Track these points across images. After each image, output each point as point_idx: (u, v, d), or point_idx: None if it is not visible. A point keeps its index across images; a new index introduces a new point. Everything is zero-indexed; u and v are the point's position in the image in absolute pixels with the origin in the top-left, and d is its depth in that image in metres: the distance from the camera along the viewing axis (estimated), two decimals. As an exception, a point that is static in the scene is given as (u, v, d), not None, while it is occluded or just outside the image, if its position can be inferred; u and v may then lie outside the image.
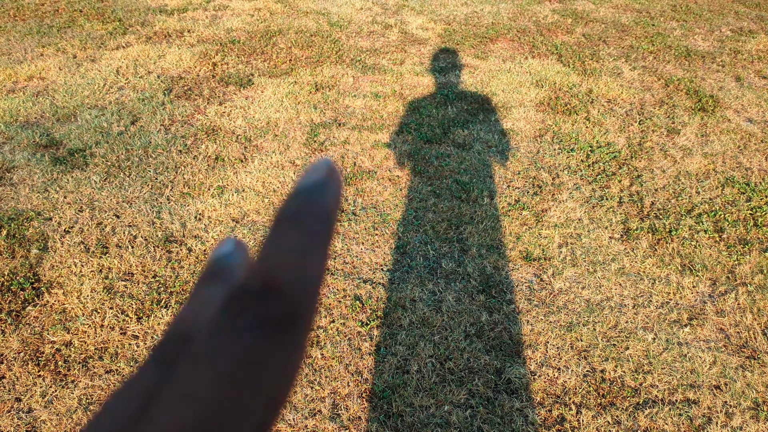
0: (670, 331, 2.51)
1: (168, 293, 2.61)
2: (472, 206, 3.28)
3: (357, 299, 2.63)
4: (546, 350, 2.42)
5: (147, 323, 2.45)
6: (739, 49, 5.70)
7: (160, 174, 3.48)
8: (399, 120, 4.24)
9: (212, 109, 4.29)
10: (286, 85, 4.72)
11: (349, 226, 3.11)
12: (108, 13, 6.36)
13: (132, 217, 3.10)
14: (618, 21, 6.56)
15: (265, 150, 3.80)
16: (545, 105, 4.48)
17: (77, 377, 2.21)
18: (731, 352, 2.42)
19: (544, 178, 3.56)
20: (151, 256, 2.82)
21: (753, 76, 5.09)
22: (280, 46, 5.57)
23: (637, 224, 3.17)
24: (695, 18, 6.68)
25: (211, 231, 3.02)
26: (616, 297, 2.70)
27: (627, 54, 5.56)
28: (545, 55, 5.50)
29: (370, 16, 6.71)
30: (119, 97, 4.43)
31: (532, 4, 7.18)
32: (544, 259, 2.93)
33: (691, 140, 3.99)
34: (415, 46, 5.75)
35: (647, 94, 4.69)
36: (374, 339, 2.44)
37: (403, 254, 2.93)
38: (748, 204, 3.33)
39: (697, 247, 3.00)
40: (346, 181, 3.48)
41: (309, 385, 2.22)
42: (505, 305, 2.62)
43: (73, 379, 2.21)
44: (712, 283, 2.78)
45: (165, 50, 5.34)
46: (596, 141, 3.96)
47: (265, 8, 6.83)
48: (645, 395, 2.23)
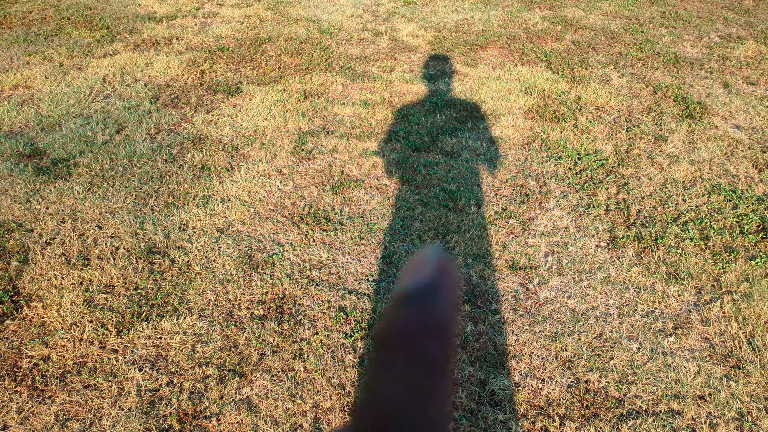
0: (655, 340, 2.50)
1: (149, 306, 2.58)
2: (459, 215, 3.27)
3: (341, 310, 2.61)
4: (530, 361, 2.40)
5: (127, 337, 2.42)
6: (727, 56, 5.71)
7: (144, 184, 3.46)
8: (388, 128, 4.23)
9: (199, 118, 4.28)
10: (275, 93, 4.71)
11: (335, 236, 3.09)
12: (96, 21, 6.34)
13: (115, 228, 3.07)
14: (607, 28, 6.57)
15: (252, 159, 3.78)
16: (534, 112, 4.48)
17: (55, 392, 2.19)
18: (716, 362, 2.40)
19: (532, 186, 3.55)
20: (133, 268, 2.80)
21: (741, 83, 5.10)
22: (269, 54, 5.56)
23: (624, 232, 3.16)
24: (684, 24, 6.70)
25: (195, 242, 3.00)
26: (601, 306, 2.68)
27: (616, 61, 5.56)
28: (535, 63, 5.50)
29: (360, 23, 6.71)
30: (105, 105, 4.41)
31: (522, 11, 7.20)
32: (530, 268, 2.91)
33: (678, 147, 3.99)
34: (405, 54, 5.75)
35: (635, 101, 4.69)
36: (358, 351, 2.42)
37: (389, 264, 2.92)
38: (734, 211, 3.33)
39: (683, 255, 3.00)
40: (334, 190, 3.46)
41: (290, 399, 2.20)
42: (490, 315, 2.61)
43: (51, 395, 2.18)
44: (697, 292, 2.77)
45: (153, 58, 5.32)
46: (584, 148, 3.96)
47: (255, 15, 6.82)
48: (629, 406, 2.21)
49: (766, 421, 2.16)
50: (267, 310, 2.60)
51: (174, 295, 2.65)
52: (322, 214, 3.26)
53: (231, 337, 2.45)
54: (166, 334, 2.45)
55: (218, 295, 2.67)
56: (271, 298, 2.67)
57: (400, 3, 7.59)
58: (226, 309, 2.60)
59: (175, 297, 2.64)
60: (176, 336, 2.45)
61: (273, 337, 2.45)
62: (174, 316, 2.54)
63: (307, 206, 3.33)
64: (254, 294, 2.69)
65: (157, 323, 2.49)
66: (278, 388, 2.24)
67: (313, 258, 2.93)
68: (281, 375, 2.30)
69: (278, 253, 2.95)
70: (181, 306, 2.60)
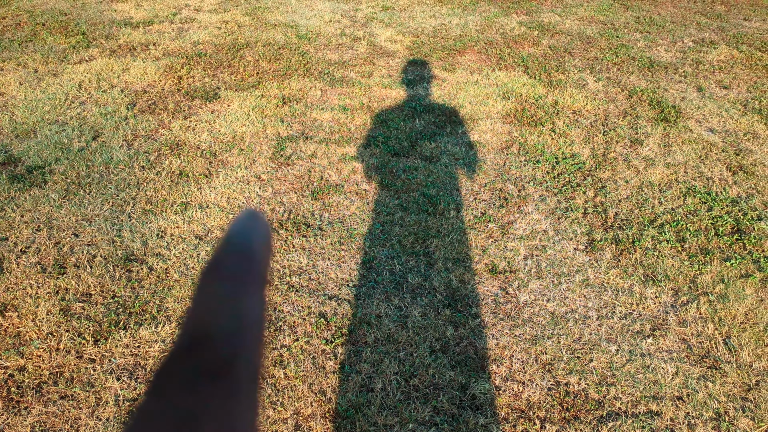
0: (633, 342, 2.52)
1: (127, 314, 2.55)
2: (439, 219, 3.28)
3: (322, 316, 2.61)
4: (511, 364, 2.41)
5: (104, 346, 2.39)
6: (700, 60, 5.80)
7: (121, 191, 3.42)
8: (367, 133, 4.23)
9: (177, 124, 4.24)
10: (253, 99, 4.69)
11: (315, 242, 3.09)
12: (71, 27, 6.27)
13: (91, 236, 3.04)
14: (583, 33, 6.64)
15: (231, 165, 3.76)
16: (512, 117, 4.51)
17: (30, 404, 2.15)
18: (693, 363, 2.43)
19: (510, 190, 3.57)
20: (110, 276, 2.76)
21: (714, 87, 5.18)
22: (247, 59, 5.54)
23: (601, 235, 3.19)
24: (658, 29, 6.79)
25: (173, 249, 2.97)
26: (580, 309, 2.71)
27: (592, 65, 5.63)
28: (512, 67, 5.55)
29: (338, 28, 6.71)
30: (81, 112, 4.36)
31: (499, 17, 7.25)
32: (509, 271, 2.93)
33: (654, 151, 4.05)
34: (383, 59, 5.76)
35: (611, 105, 4.75)
36: (339, 357, 2.41)
37: (370, 269, 2.92)
38: (709, 213, 3.38)
39: (660, 257, 3.03)
40: (314, 196, 3.45)
41: (271, 406, 2.19)
42: (470, 319, 2.62)
43: (26, 406, 2.14)
44: (674, 293, 2.81)
45: (129, 64, 5.28)
46: (561, 152, 3.99)
47: (233, 21, 6.79)
48: (608, 408, 2.23)
49: (743, 420, 2.19)
50: (247, 317, 2.58)
51: (152, 303, 2.62)
52: (301, 220, 3.25)
53: (210, 345, 2.43)
54: (144, 343, 2.43)
55: (197, 303, 2.65)
56: (251, 304, 2.65)
57: (378, 8, 7.61)
58: (206, 316, 2.58)
59: (154, 305, 2.62)
60: (155, 344, 2.42)
61: (253, 344, 2.44)
62: (152, 324, 2.51)
63: (286, 212, 3.32)
64: (234, 301, 2.66)
65: (135, 331, 2.47)
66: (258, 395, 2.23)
67: (293, 264, 2.92)
68: (261, 382, 2.28)
69: (258, 260, 2.93)
70: (160, 314, 2.57)
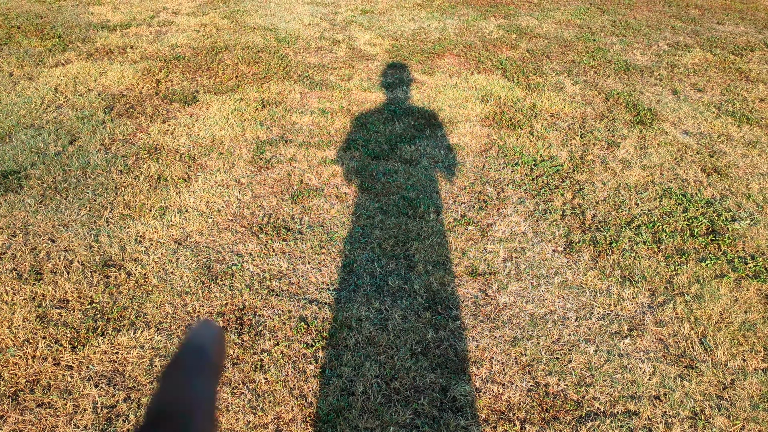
0: (612, 342, 2.55)
1: (105, 320, 2.53)
2: (419, 222, 3.29)
3: (302, 320, 2.60)
4: (491, 366, 2.43)
5: (82, 352, 2.37)
6: (675, 63, 5.89)
7: (99, 195, 3.39)
8: (346, 136, 4.24)
9: (155, 128, 4.21)
10: (232, 102, 4.67)
11: (295, 245, 3.08)
12: (47, 30, 6.20)
13: (68, 241, 3.00)
14: (560, 36, 6.71)
15: (210, 169, 3.74)
16: (490, 120, 4.54)
17: (6, 412, 2.12)
18: (670, 362, 2.47)
19: (490, 193, 3.60)
20: (87, 282, 2.73)
21: (689, 89, 5.26)
22: (226, 63, 5.51)
23: (580, 237, 3.23)
24: (634, 33, 6.88)
25: (152, 254, 2.95)
26: (559, 310, 2.73)
27: (569, 69, 5.68)
28: (491, 71, 5.58)
29: (318, 31, 6.71)
30: (57, 116, 4.31)
31: (477, 20, 7.29)
32: (489, 273, 2.95)
33: (630, 153, 4.10)
34: (363, 62, 5.77)
35: (588, 108, 4.80)
36: (319, 361, 2.41)
37: (350, 272, 2.92)
38: (684, 215, 3.43)
39: (637, 258, 3.07)
40: (293, 199, 3.45)
41: (252, 411, 2.18)
42: (450, 322, 2.63)
43: (2, 414, 2.11)
44: (651, 294, 2.84)
45: (106, 67, 5.23)
46: (540, 155, 4.03)
47: (212, 24, 6.76)
48: (587, 408, 2.25)
49: (718, 419, 2.22)
50: (227, 322, 2.57)
51: (131, 309, 2.60)
52: (281, 224, 3.24)
53: (190, 350, 2.42)
54: (122, 349, 2.40)
55: (176, 308, 2.63)
56: (231, 309, 2.64)
57: (357, 12, 7.62)
58: (185, 321, 2.57)
59: (132, 310, 2.60)
60: (133, 350, 2.40)
61: (233, 349, 2.43)
62: (131, 330, 2.49)
63: (266, 216, 3.31)
64: (213, 305, 2.66)
65: (113, 338, 2.44)
66: (239, 400, 2.22)
67: (273, 268, 2.91)
68: (242, 387, 2.27)
69: (237, 264, 2.92)
70: (138, 320, 2.55)
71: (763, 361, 2.48)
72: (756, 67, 5.81)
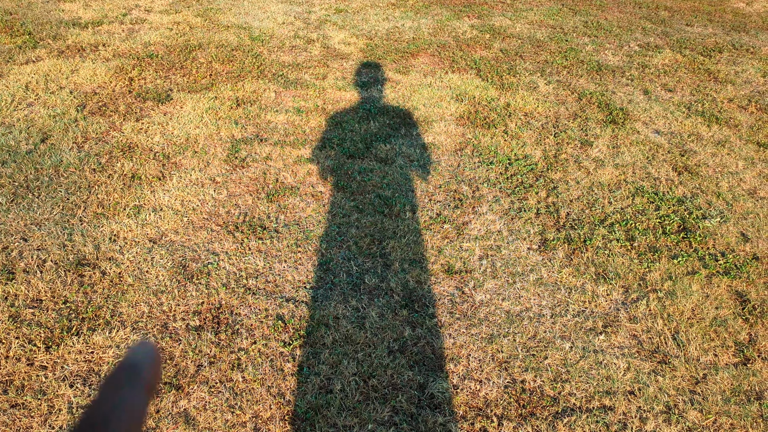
0: (587, 339, 2.59)
1: (80, 320, 2.49)
2: (395, 221, 3.30)
3: (279, 319, 2.59)
4: (468, 363, 2.44)
5: (57, 352, 2.32)
6: (646, 64, 5.98)
7: (72, 194, 3.34)
8: (322, 135, 4.22)
9: (128, 126, 4.16)
10: (207, 101, 4.63)
11: (271, 244, 3.06)
12: (17, 26, 6.07)
13: (41, 240, 2.95)
14: (533, 36, 6.77)
15: (184, 167, 3.70)
16: (465, 119, 4.57)
17: (-23, 415, 2.08)
18: (644, 358, 2.51)
19: (465, 191, 3.62)
20: (61, 281, 2.69)
21: (659, 90, 5.35)
22: (200, 61, 5.46)
23: (554, 235, 3.26)
24: (605, 34, 6.97)
25: (126, 252, 2.91)
26: (534, 307, 2.76)
27: (542, 68, 5.74)
28: (465, 70, 5.61)
29: (292, 30, 6.67)
30: (28, 114, 4.22)
31: (451, 20, 7.33)
32: (465, 271, 2.97)
33: (603, 152, 4.15)
34: (337, 61, 5.76)
35: (562, 108, 4.86)
36: (297, 359, 2.40)
37: (327, 271, 2.91)
38: (656, 213, 3.49)
39: (610, 255, 3.11)
40: (269, 198, 3.43)
41: (229, 410, 2.16)
42: (427, 319, 2.64)
43: (-27, 417, 2.07)
44: (624, 291, 2.88)
45: (78, 65, 5.14)
46: (514, 154, 4.06)
47: (185, 22, 6.68)
48: (563, 404, 2.28)
49: (691, 413, 2.27)
50: (203, 321, 2.55)
51: (105, 308, 2.56)
52: (257, 223, 3.22)
53: (166, 349, 2.39)
54: (98, 348, 2.37)
55: (152, 307, 2.60)
56: (207, 308, 2.62)
57: (331, 11, 7.60)
58: (161, 321, 2.54)
59: (107, 310, 2.56)
60: (109, 350, 2.37)
61: (210, 348, 2.41)
62: (106, 330, 2.45)
63: (241, 214, 3.28)
64: (189, 304, 2.63)
65: (88, 337, 2.41)
66: (216, 399, 2.20)
67: (249, 267, 2.89)
68: (219, 386, 2.26)
69: (213, 263, 2.90)
70: (114, 319, 2.52)
71: (734, 356, 2.54)
72: (724, 68, 5.93)
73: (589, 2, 8.53)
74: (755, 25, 7.68)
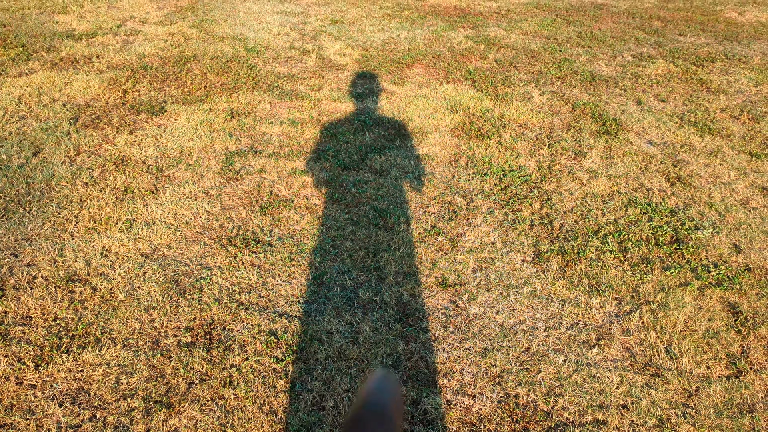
0: (580, 352, 2.58)
1: (69, 337, 2.48)
2: (389, 233, 3.30)
3: (272, 334, 2.58)
4: (462, 377, 2.44)
5: (46, 371, 2.31)
6: (639, 74, 6.01)
7: (63, 208, 3.33)
8: (317, 146, 4.23)
9: (122, 139, 4.15)
10: (201, 113, 4.63)
11: (265, 258, 3.06)
12: (10, 39, 6.08)
13: (31, 256, 2.94)
14: (528, 47, 6.80)
15: (178, 180, 3.70)
16: (460, 130, 4.58)
17: (-33, 434, 2.07)
18: (637, 371, 2.51)
19: (459, 203, 3.62)
20: (51, 298, 2.68)
21: (652, 100, 5.37)
22: (194, 72, 5.47)
23: (548, 246, 3.26)
24: (599, 44, 7.00)
25: (118, 268, 2.90)
26: (528, 320, 2.76)
27: (536, 79, 5.76)
28: (459, 81, 5.63)
29: (287, 41, 6.69)
30: (20, 127, 4.22)
31: (446, 31, 7.35)
32: (459, 284, 2.96)
33: (596, 163, 4.16)
34: (332, 72, 5.77)
35: (556, 118, 4.87)
36: (290, 375, 2.39)
37: (320, 285, 2.91)
38: (649, 224, 3.49)
39: (604, 267, 3.12)
40: (263, 211, 3.43)
41: (221, 429, 2.15)
42: (421, 333, 2.63)
43: (-37, 437, 2.06)
44: (617, 303, 2.88)
45: (72, 77, 5.15)
46: (508, 165, 4.07)
47: (180, 33, 6.70)
48: (557, 418, 2.27)
49: (684, 426, 2.26)
50: (195, 337, 2.54)
51: (96, 325, 2.56)
52: (251, 236, 3.22)
53: (157, 367, 2.38)
54: (88, 367, 2.36)
55: (143, 323, 2.59)
56: (200, 324, 2.61)
57: (327, 21, 7.63)
58: (152, 337, 2.53)
59: (98, 327, 2.55)
60: (99, 368, 2.36)
61: (202, 365, 2.40)
62: (96, 347, 2.44)
63: (235, 228, 3.28)
64: (181, 320, 2.62)
65: (78, 355, 2.40)
66: (208, 417, 2.19)
67: (243, 281, 2.89)
68: (211, 404, 2.25)
69: (206, 277, 2.89)
70: (104, 336, 2.51)
71: (727, 369, 2.53)
72: (717, 78, 5.95)
73: (582, 13, 8.58)
74: (747, 35, 7.72)
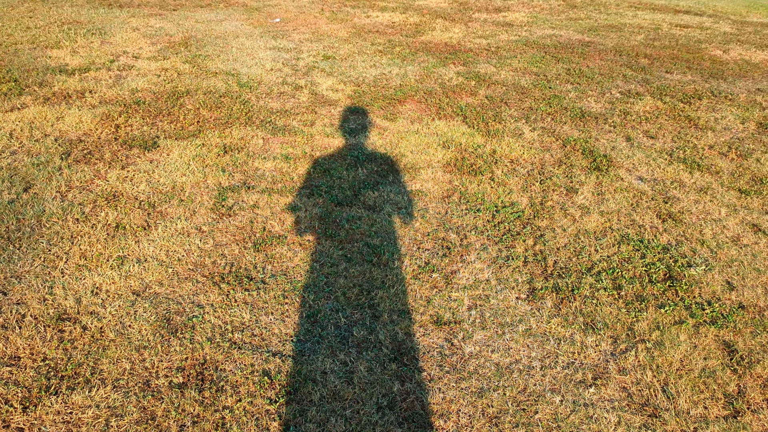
0: (577, 392, 2.56)
1: (59, 378, 2.43)
2: (383, 270, 3.28)
3: (265, 374, 2.54)
4: (458, 419, 2.40)
5: (34, 413, 2.26)
6: (628, 111, 6.09)
7: (53, 245, 3.30)
8: (310, 182, 4.23)
9: (114, 174, 4.14)
10: (194, 148, 4.63)
11: (258, 295, 3.03)
12: (2, 73, 6.09)
13: (21, 294, 2.90)
14: (518, 83, 6.88)
15: (170, 216, 3.68)
16: (452, 166, 4.60)
17: (-49, 480, 2.01)
18: (634, 411, 2.48)
19: (453, 239, 3.62)
20: (40, 337, 2.63)
21: (641, 136, 5.43)
22: (187, 107, 5.49)
23: (542, 284, 3.26)
24: (587, 81, 7.11)
25: (108, 306, 2.87)
26: (524, 359, 2.74)
27: (527, 115, 5.82)
28: (451, 117, 5.68)
29: (280, 77, 6.75)
30: (11, 162, 4.20)
31: (437, 67, 7.44)
32: (454, 322, 2.95)
33: (588, 199, 4.19)
34: (325, 108, 5.81)
35: (547, 154, 4.91)
36: (283, 417, 2.35)
37: (314, 323, 2.88)
38: (642, 261, 3.50)
39: (598, 305, 3.11)
40: (256, 247, 3.41)
41: (213, 472, 2.10)
42: (417, 373, 2.61)
43: (-53, 483, 2.00)
44: (613, 341, 2.87)
45: (64, 112, 5.15)
46: (501, 201, 4.08)
47: (173, 68, 6.74)
48: (555, 460, 2.24)
49: (683, 468, 2.24)
50: (187, 377, 2.50)
51: (86, 365, 2.51)
52: (243, 273, 3.19)
53: (148, 409, 2.33)
54: (77, 409, 2.31)
55: (134, 363, 2.55)
56: (191, 364, 2.57)
57: (319, 57, 7.71)
58: (143, 378, 2.48)
59: (87, 367, 2.50)
60: (88, 410, 2.31)
61: (193, 407, 2.35)
62: (86, 389, 2.39)
63: (228, 265, 3.26)
64: (173, 360, 2.58)
65: (67, 397, 2.35)
66: (200, 461, 2.14)
67: (235, 319, 2.86)
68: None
69: (198, 316, 2.86)
70: (94, 377, 2.46)
71: (724, 408, 2.52)
72: (704, 115, 6.04)
73: (571, 50, 8.72)
74: (732, 73, 7.87)
